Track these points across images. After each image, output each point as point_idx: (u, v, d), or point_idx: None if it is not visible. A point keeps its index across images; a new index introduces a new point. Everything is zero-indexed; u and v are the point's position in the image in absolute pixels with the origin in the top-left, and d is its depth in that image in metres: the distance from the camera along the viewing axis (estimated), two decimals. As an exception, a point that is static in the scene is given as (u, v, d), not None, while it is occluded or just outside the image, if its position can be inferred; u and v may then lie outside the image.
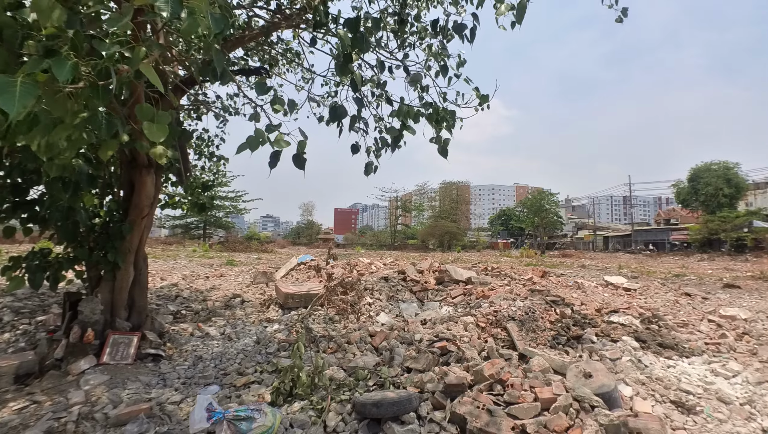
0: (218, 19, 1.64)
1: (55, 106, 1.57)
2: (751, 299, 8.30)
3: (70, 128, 1.71)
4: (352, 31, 2.58)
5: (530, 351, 3.97)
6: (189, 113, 6.59)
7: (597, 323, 5.01)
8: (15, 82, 1.34)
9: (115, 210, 4.22)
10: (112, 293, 4.02)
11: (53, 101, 1.55)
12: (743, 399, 3.35)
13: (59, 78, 1.40)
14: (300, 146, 2.11)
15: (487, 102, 3.80)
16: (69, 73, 1.42)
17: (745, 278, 13.30)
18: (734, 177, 37.32)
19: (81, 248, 3.84)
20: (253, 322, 5.52)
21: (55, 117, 1.65)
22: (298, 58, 6.50)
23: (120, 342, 3.77)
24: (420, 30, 4.47)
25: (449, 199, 65.55)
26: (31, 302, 5.58)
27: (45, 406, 2.82)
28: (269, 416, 2.47)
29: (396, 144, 3.38)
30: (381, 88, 4.08)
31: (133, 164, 4.02)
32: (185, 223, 44.61)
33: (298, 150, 2.13)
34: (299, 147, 2.12)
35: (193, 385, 3.35)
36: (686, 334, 5.04)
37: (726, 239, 31.93)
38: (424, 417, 2.68)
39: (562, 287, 7.63)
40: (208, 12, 1.60)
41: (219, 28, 1.62)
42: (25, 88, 1.35)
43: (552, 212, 50.03)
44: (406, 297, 6.76)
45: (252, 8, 4.44)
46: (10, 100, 1.30)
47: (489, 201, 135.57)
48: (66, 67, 1.41)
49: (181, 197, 5.68)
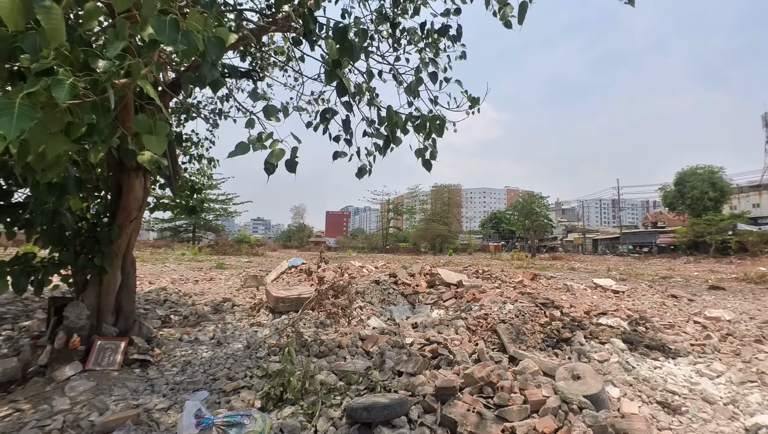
0: (215, 43, 1.69)
1: (53, 121, 1.58)
2: (735, 301, 8.48)
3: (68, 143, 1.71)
4: (339, 41, 2.59)
5: (520, 354, 4.00)
6: (179, 116, 6.53)
7: (586, 325, 5.08)
8: (13, 104, 1.35)
9: (102, 213, 4.16)
10: (98, 298, 3.95)
11: (51, 117, 1.56)
12: (727, 399, 3.42)
13: (59, 99, 1.41)
14: (293, 151, 2.12)
15: (477, 105, 3.84)
16: (68, 94, 1.43)
17: (729, 280, 13.58)
18: (719, 181, 38.14)
19: (67, 252, 3.77)
20: (243, 326, 5.47)
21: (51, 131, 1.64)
22: (289, 60, 6.49)
23: (106, 347, 3.70)
24: (410, 33, 4.51)
25: (441, 202, 65.80)
26: (14, 307, 5.46)
27: (28, 414, 2.75)
28: (259, 421, 2.45)
29: (386, 149, 3.40)
30: (370, 93, 4.09)
31: (121, 166, 3.97)
32: (174, 226, 44.08)
33: (291, 155, 2.13)
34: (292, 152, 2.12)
35: (181, 391, 3.31)
36: (672, 335, 5.13)
37: (711, 241, 32.58)
38: (414, 420, 2.68)
39: (552, 289, 7.71)
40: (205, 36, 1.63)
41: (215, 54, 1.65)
42: (23, 110, 1.36)
43: (542, 215, 50.54)
44: (397, 301, 6.77)
45: (242, 12, 4.43)
46: (7, 122, 1.31)
47: (480, 204, 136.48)
48: (65, 89, 1.42)
49: (170, 199, 5.62)
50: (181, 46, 1.55)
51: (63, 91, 1.42)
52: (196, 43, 1.60)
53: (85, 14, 1.78)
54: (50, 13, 1.41)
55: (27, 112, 1.36)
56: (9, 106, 1.34)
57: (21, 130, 1.33)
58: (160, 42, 1.53)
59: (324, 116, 3.04)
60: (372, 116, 3.67)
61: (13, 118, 1.32)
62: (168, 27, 1.54)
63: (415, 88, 3.66)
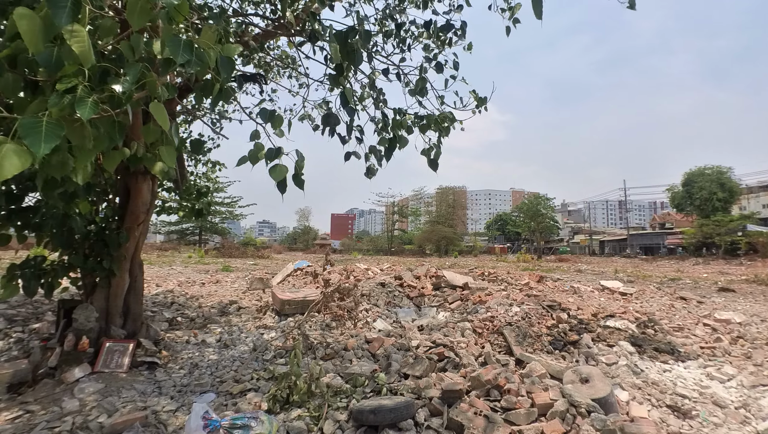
0: (226, 63, 1.74)
1: (74, 135, 1.63)
2: (745, 303, 8.36)
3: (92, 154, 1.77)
4: (342, 45, 2.61)
5: (527, 357, 3.97)
6: (185, 119, 6.59)
7: (593, 328, 5.03)
8: (41, 123, 1.39)
9: (110, 217, 4.20)
10: (107, 301, 4.00)
11: (73, 131, 1.60)
12: (738, 403, 3.37)
13: (83, 117, 1.45)
14: (297, 166, 2.13)
15: (484, 104, 3.84)
16: (91, 112, 1.47)
17: (739, 282, 13.39)
18: (727, 181, 37.72)
19: (76, 255, 3.82)
20: (249, 329, 5.49)
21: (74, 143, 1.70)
22: (294, 64, 6.53)
23: (115, 349, 3.74)
24: (415, 31, 4.51)
25: (446, 204, 65.71)
26: (24, 309, 5.52)
27: (38, 415, 2.79)
28: (266, 424, 2.46)
29: (390, 153, 3.40)
30: (377, 94, 4.10)
31: (128, 170, 4.02)
32: (181, 229, 44.41)
33: (296, 170, 2.15)
34: (297, 167, 2.14)
35: (188, 393, 3.32)
36: (682, 338, 5.07)
37: (720, 243, 32.20)
38: (421, 424, 2.67)
39: (559, 291, 7.65)
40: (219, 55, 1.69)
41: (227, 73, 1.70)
42: (50, 128, 1.40)
43: (548, 216, 50.25)
44: (403, 303, 6.76)
45: (248, 16, 4.47)
46: (37, 141, 1.35)
47: (485, 206, 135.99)
48: (88, 107, 1.46)
49: (177, 202, 5.66)
50: (195, 67, 1.59)
51: (86, 108, 1.45)
52: (209, 61, 1.65)
53: (102, 30, 1.81)
54: (77, 35, 1.45)
55: (54, 130, 1.40)
56: (37, 125, 1.38)
57: (50, 148, 1.37)
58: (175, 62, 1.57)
59: (326, 120, 3.06)
60: (378, 117, 3.68)
61: (41, 136, 1.36)
62: (182, 48, 1.59)
63: (419, 87, 3.67)
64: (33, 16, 1.39)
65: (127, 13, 1.60)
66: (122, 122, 1.71)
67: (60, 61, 1.54)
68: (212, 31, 1.71)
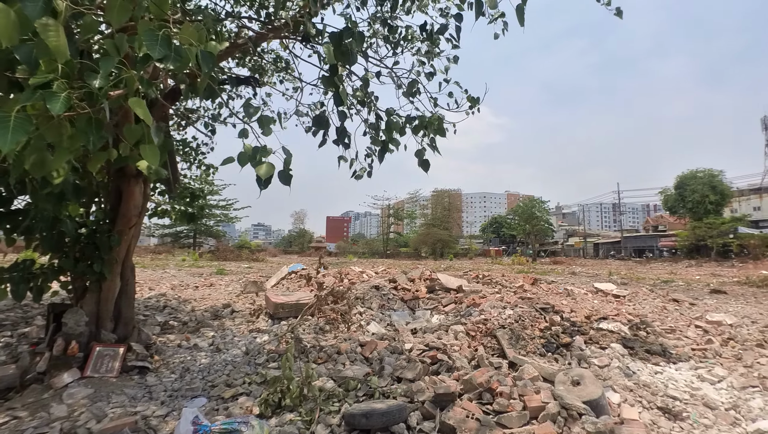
0: (207, 57, 1.72)
1: (50, 132, 1.61)
2: (736, 305, 8.44)
3: (69, 153, 1.74)
4: (336, 46, 2.61)
5: (520, 359, 3.98)
6: (178, 123, 6.56)
7: (586, 330, 5.05)
8: (9, 117, 1.38)
9: (101, 220, 4.17)
10: (97, 305, 3.95)
11: (48, 129, 1.58)
12: (728, 404, 3.40)
13: (53, 111, 1.43)
14: (285, 163, 2.13)
15: (477, 105, 3.84)
16: (62, 106, 1.45)
17: (731, 284, 13.53)
18: (719, 184, 38.14)
19: (66, 259, 3.78)
20: (242, 332, 5.46)
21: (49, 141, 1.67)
22: (288, 67, 6.53)
23: (105, 354, 3.70)
24: (409, 35, 4.53)
25: (441, 207, 65.86)
26: (13, 313, 5.45)
27: (26, 421, 2.75)
28: (256, 428, 2.44)
29: (383, 155, 3.41)
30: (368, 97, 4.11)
31: (120, 173, 3.99)
32: (175, 232, 44.09)
33: (284, 167, 2.14)
34: (285, 164, 2.13)
35: (179, 398, 3.29)
36: (674, 340, 5.10)
37: (712, 245, 32.53)
38: (413, 427, 2.66)
39: (553, 294, 7.68)
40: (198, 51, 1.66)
41: (207, 68, 1.68)
42: (19, 123, 1.39)
43: (543, 219, 50.46)
44: (397, 306, 6.75)
45: (241, 19, 4.47)
46: (3, 135, 1.34)
47: (480, 209, 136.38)
48: (59, 101, 1.44)
49: (170, 205, 5.63)
50: (175, 62, 1.57)
51: (57, 103, 1.43)
52: (188, 57, 1.62)
53: (83, 27, 1.80)
54: (50, 29, 1.42)
55: (22, 125, 1.39)
56: (5, 119, 1.37)
57: (17, 143, 1.36)
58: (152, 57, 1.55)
59: (318, 122, 3.05)
60: (371, 119, 3.69)
61: (8, 131, 1.35)
62: (159, 42, 1.56)
63: (410, 89, 3.68)
64: (6, 10, 1.36)
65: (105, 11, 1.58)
66: (100, 120, 1.69)
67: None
68: (194, 28, 1.69)
